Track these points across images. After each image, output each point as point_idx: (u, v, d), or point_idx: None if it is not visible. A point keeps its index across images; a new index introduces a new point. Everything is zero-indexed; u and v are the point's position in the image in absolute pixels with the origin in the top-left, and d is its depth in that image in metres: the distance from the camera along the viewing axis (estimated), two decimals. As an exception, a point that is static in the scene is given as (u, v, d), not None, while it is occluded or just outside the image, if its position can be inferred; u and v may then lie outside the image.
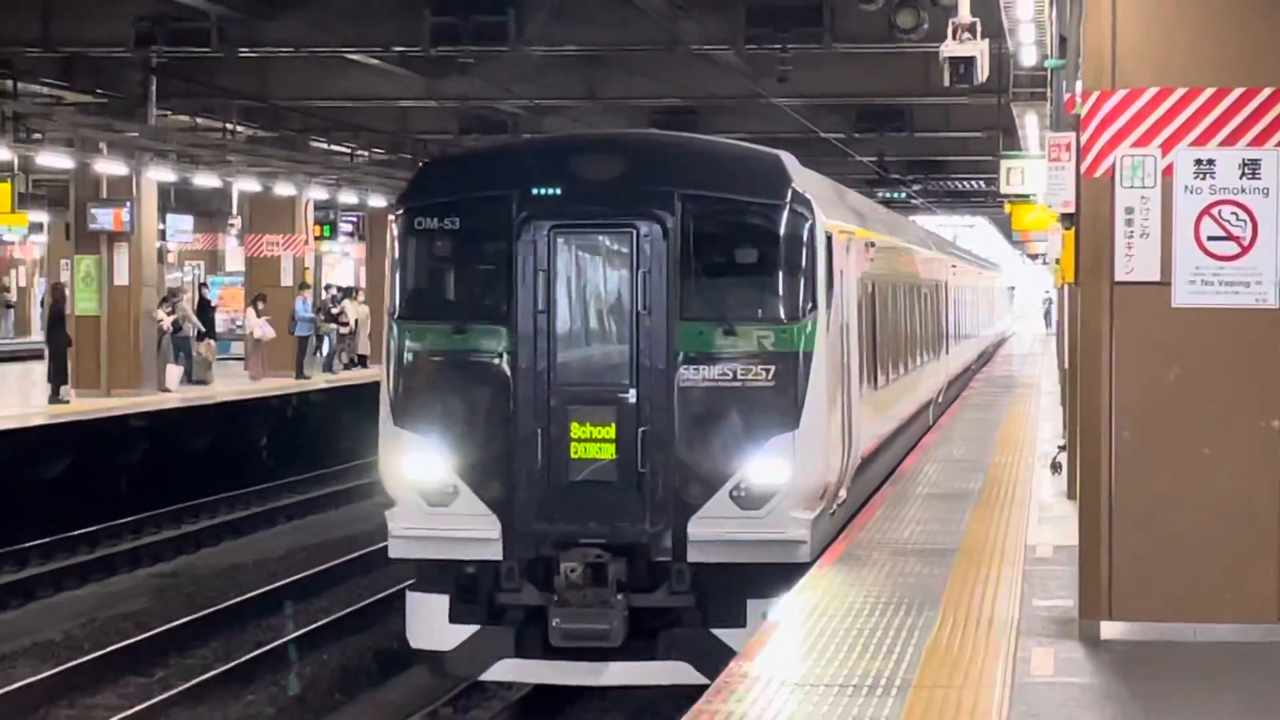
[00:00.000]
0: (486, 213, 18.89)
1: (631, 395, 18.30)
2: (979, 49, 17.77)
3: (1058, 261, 29.06)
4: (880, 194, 57.45)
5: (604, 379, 19.12)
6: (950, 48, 17.40)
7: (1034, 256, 63.15)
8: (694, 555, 17.92)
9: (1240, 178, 15.11)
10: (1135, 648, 14.96)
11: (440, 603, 18.11)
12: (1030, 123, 28.62)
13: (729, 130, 40.14)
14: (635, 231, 18.45)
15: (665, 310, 18.26)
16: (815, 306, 18.94)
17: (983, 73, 18.47)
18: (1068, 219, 17.31)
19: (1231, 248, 15.11)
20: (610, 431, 18.12)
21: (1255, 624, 15.19)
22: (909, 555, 20.90)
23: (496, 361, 18.40)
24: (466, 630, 17.89)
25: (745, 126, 39.97)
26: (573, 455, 18.12)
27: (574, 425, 18.08)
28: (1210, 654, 14.73)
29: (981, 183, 55.56)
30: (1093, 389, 15.74)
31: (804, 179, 19.99)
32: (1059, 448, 28.49)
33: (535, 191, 18.56)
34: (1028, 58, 22.70)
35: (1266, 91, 15.06)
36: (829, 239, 19.69)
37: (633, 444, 18.22)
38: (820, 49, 28.14)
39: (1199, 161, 15.13)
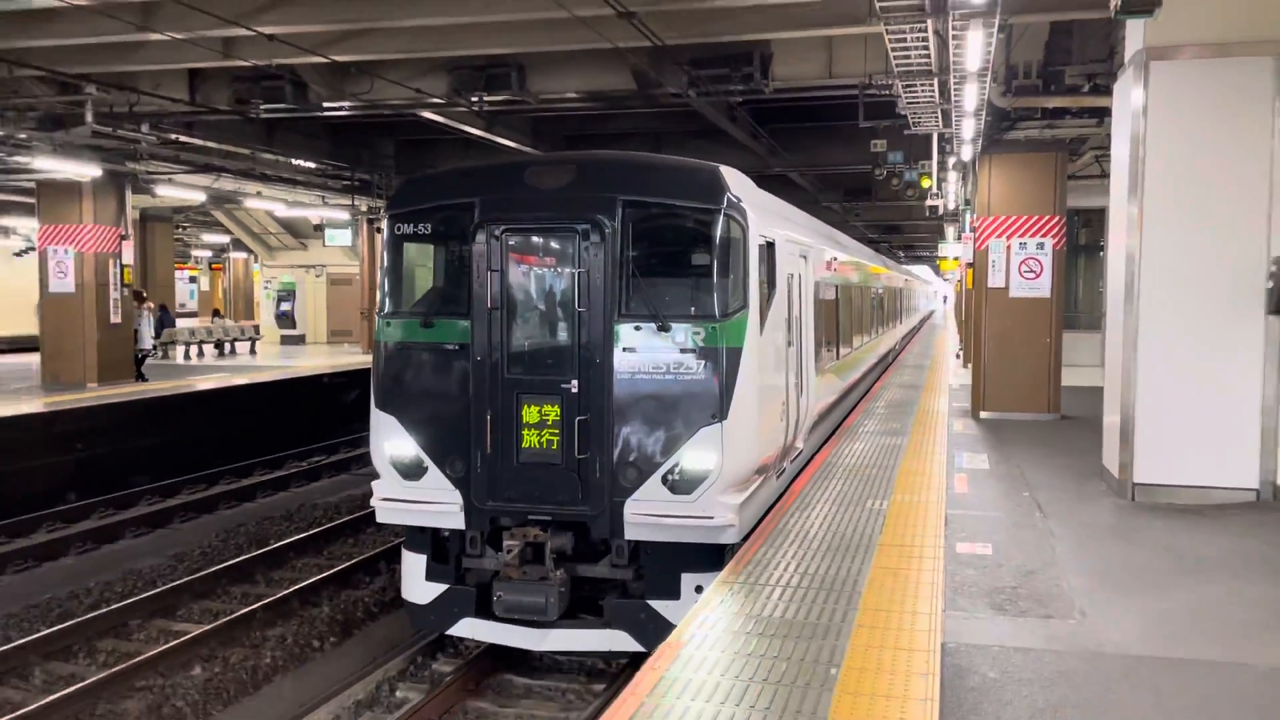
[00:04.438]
0: (452, 218, 9.34)
1: (574, 386, 8.78)
2: (940, 201, 17.53)
3: (960, 281, 28.27)
4: (896, 254, 55.91)
5: (549, 371, 9.08)
6: (929, 200, 17.18)
7: (947, 280, 61.06)
8: (630, 533, 8.74)
9: (1036, 249, 14.80)
10: (994, 422, 14.79)
11: (420, 562, 9.35)
12: (951, 230, 27.80)
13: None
14: (578, 234, 8.96)
15: (604, 307, 8.76)
16: (746, 305, 8.77)
17: (941, 211, 18.29)
18: (969, 265, 16.92)
19: (1032, 275, 14.83)
20: (555, 418, 8.92)
21: (1039, 413, 14.96)
22: (902, 388, 19.23)
23: (458, 352, 9.06)
24: (439, 588, 9.20)
25: (839, 231, 39.47)
26: (523, 439, 8.91)
27: (523, 412, 8.91)
28: (1022, 425, 14.51)
29: (929, 251, 53.50)
30: (975, 327, 15.58)
31: (743, 191, 9.61)
32: (960, 348, 27.89)
33: (492, 198, 9.18)
34: (952, 204, 21.99)
35: (1046, 216, 14.74)
36: (769, 245, 9.54)
37: (575, 431, 8.80)
38: (869, 204, 27.12)
39: (1021, 243, 14.85)
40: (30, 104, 15.56)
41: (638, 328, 8.16)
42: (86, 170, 17.63)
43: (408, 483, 8.69)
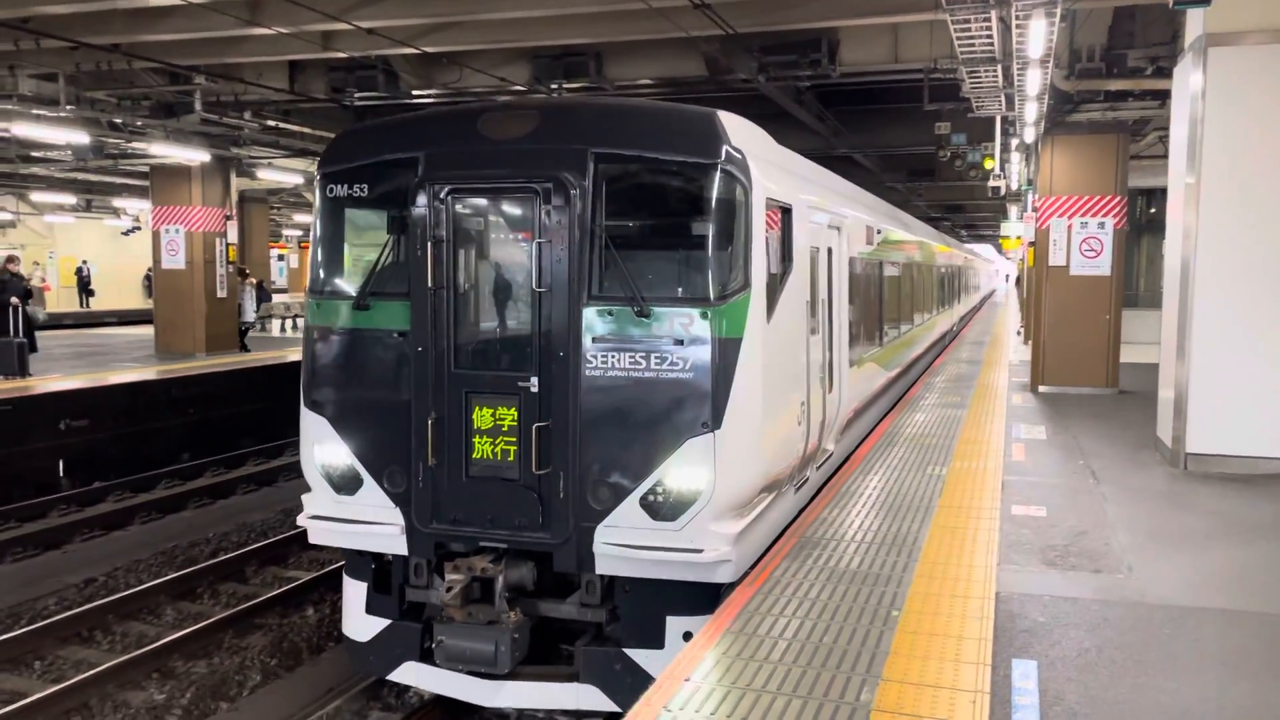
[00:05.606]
0: (392, 177, 6.68)
1: (534, 384, 6.26)
2: (1003, 182, 17.41)
3: (1022, 260, 27.92)
4: (958, 233, 54.69)
5: (505, 365, 6.46)
6: (991, 181, 17.05)
7: (1009, 258, 59.59)
8: (602, 567, 6.24)
9: (1098, 228, 14.76)
10: (1051, 396, 14.79)
11: (360, 591, 7.03)
12: (1014, 209, 27.38)
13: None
14: (538, 195, 6.24)
15: (570, 287, 6.19)
16: (748, 285, 6.10)
17: (1003, 191, 18.14)
18: (1031, 244, 16.83)
19: (1092, 254, 14.79)
20: (512, 424, 6.33)
21: (1097, 388, 14.97)
22: (962, 363, 19.29)
23: (397, 341, 6.58)
24: (380, 623, 6.92)
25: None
26: (474, 449, 6.41)
27: (475, 416, 6.38)
28: (1080, 398, 14.50)
29: (992, 230, 52.38)
30: (1037, 305, 15.59)
31: (748, 143, 6.45)
32: (1021, 326, 27.64)
33: (438, 152, 6.50)
34: (1014, 184, 21.70)
35: (1108, 196, 14.69)
36: (784, 211, 6.92)
37: (535, 439, 6.21)
38: (932, 184, 26.79)
39: (1082, 223, 14.82)
40: (144, 93, 16.40)
41: (611, 312, 6.18)
42: (196, 155, 18.48)
43: (341, 497, 6.78)
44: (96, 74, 15.27)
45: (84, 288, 37.96)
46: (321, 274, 6.99)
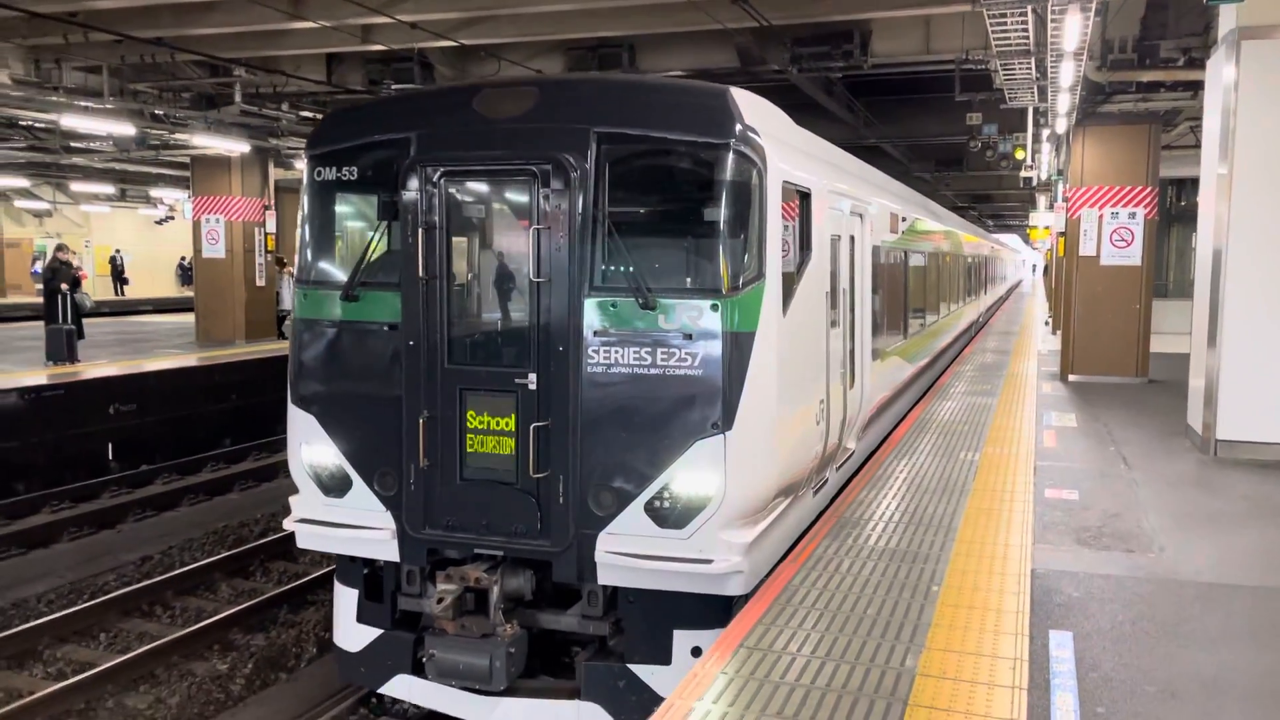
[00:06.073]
0: (383, 159, 6.05)
1: (533, 381, 5.72)
2: (1035, 172, 17.48)
3: (1050, 250, 27.86)
4: (984, 223, 54.50)
5: (502, 361, 5.98)
6: (1023, 171, 17.11)
7: (1036, 248, 58.97)
8: (604, 577, 5.74)
9: (1128, 218, 14.86)
10: (1081, 385, 14.89)
11: (351, 598, 6.54)
12: (1042, 199, 27.27)
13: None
14: (535, 177, 5.67)
15: (570, 277, 5.63)
16: (762, 275, 5.55)
17: (1034, 181, 18.18)
18: (1061, 234, 16.91)
19: (1123, 243, 14.89)
20: (509, 424, 5.78)
21: (1127, 377, 15.08)
22: (990, 353, 19.23)
23: (388, 335, 6.02)
24: (372, 633, 6.43)
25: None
26: (468, 450, 5.88)
27: (469, 415, 5.84)
28: (1109, 387, 14.60)
29: (1019, 220, 51.96)
30: (1067, 294, 15.69)
31: (763, 121, 5.86)
32: (1049, 316, 27.59)
33: (431, 132, 5.93)
34: (1044, 174, 21.65)
35: (1139, 186, 14.78)
36: (803, 196, 6.33)
37: (533, 440, 5.69)
38: (960, 174, 26.84)
39: (1113, 213, 14.92)
40: (185, 85, 16.78)
41: (614, 304, 5.69)
42: (236, 146, 18.87)
43: (330, 500, 6.35)
44: (139, 66, 15.65)
45: (118, 276, 38.53)
46: (309, 263, 6.52)
